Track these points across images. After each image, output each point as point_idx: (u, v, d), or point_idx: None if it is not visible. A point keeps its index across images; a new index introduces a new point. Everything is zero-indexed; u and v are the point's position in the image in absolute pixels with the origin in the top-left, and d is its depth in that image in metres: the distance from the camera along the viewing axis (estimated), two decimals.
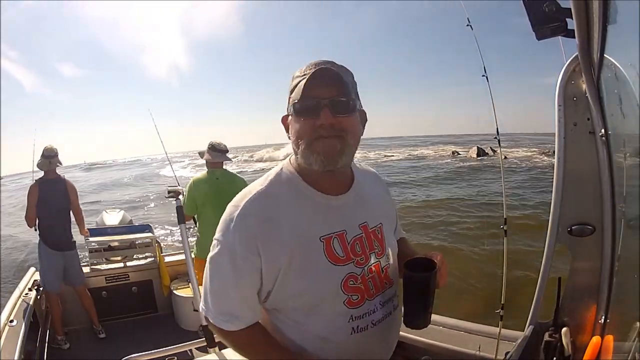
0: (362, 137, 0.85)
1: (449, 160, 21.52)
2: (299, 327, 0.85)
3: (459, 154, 24.89)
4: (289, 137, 0.84)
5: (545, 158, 18.96)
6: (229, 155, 2.97)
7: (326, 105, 0.76)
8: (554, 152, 1.11)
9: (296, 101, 0.78)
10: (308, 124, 0.77)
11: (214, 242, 0.83)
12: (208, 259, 0.84)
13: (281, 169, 0.87)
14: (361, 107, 0.84)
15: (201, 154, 2.95)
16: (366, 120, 0.87)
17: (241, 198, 0.83)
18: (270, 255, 0.78)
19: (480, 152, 22.57)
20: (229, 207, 0.84)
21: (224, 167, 2.99)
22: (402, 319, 0.88)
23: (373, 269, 0.86)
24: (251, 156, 34.74)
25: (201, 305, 0.87)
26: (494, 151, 20.80)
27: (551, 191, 1.10)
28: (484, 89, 1.47)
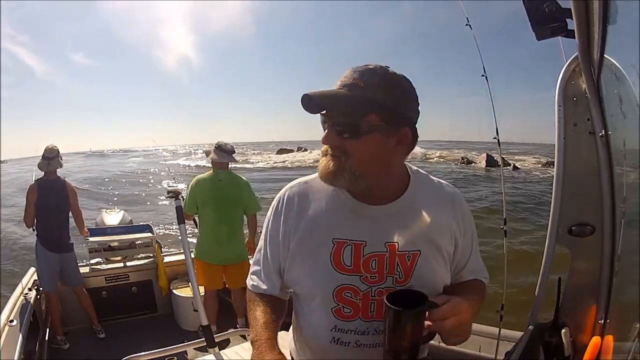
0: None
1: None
2: (299, 315, 0.88)
3: (469, 162, 24.49)
4: None
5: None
6: (235, 155, 2.97)
7: (329, 125, 0.73)
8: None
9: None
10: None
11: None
12: None
13: None
14: (396, 125, 0.73)
15: (207, 153, 2.95)
16: (408, 140, 0.75)
17: (291, 182, 0.89)
18: (287, 231, 0.83)
19: (490, 161, 21.28)
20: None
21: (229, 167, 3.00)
22: None
23: (384, 293, 0.76)
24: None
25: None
26: (506, 163, 20.03)
27: (551, 192, 1.10)
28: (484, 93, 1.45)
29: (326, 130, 0.73)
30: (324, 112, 0.73)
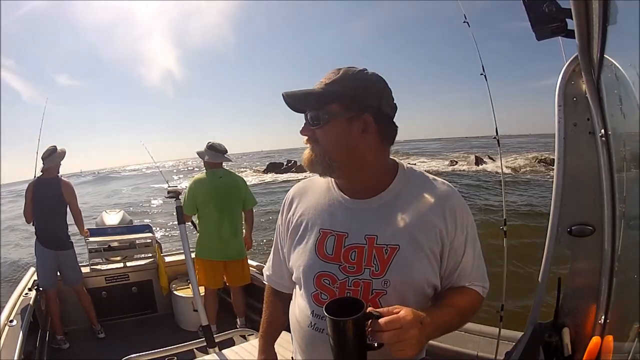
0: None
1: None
2: (293, 301, 0.95)
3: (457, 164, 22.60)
4: None
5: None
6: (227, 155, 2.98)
7: (306, 118, 0.84)
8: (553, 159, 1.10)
9: None
10: None
11: None
12: None
13: None
14: (356, 111, 0.80)
15: (200, 154, 2.96)
16: (372, 127, 0.81)
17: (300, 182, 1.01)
18: (288, 222, 0.94)
19: (478, 162, 19.33)
20: None
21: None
22: None
23: (361, 284, 0.80)
24: None
25: None
26: (492, 160, 18.57)
27: (551, 192, 1.10)
28: (483, 91, 1.46)
29: (304, 124, 0.85)
30: (300, 107, 0.85)
